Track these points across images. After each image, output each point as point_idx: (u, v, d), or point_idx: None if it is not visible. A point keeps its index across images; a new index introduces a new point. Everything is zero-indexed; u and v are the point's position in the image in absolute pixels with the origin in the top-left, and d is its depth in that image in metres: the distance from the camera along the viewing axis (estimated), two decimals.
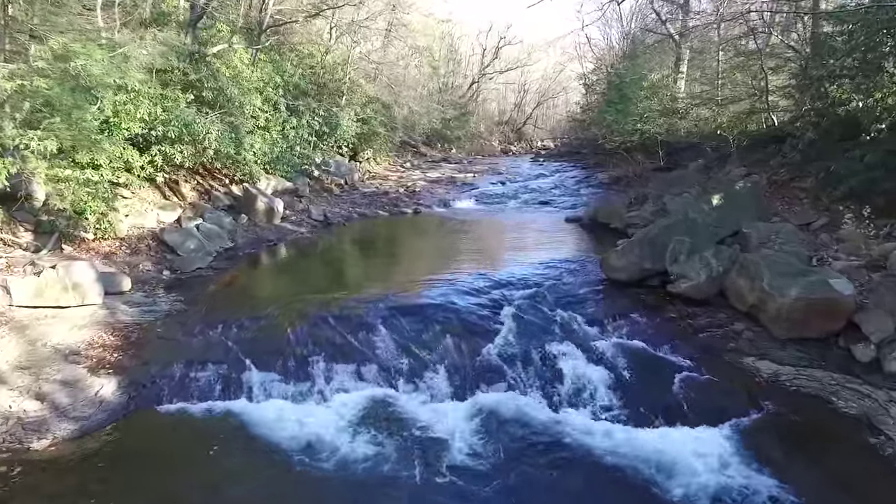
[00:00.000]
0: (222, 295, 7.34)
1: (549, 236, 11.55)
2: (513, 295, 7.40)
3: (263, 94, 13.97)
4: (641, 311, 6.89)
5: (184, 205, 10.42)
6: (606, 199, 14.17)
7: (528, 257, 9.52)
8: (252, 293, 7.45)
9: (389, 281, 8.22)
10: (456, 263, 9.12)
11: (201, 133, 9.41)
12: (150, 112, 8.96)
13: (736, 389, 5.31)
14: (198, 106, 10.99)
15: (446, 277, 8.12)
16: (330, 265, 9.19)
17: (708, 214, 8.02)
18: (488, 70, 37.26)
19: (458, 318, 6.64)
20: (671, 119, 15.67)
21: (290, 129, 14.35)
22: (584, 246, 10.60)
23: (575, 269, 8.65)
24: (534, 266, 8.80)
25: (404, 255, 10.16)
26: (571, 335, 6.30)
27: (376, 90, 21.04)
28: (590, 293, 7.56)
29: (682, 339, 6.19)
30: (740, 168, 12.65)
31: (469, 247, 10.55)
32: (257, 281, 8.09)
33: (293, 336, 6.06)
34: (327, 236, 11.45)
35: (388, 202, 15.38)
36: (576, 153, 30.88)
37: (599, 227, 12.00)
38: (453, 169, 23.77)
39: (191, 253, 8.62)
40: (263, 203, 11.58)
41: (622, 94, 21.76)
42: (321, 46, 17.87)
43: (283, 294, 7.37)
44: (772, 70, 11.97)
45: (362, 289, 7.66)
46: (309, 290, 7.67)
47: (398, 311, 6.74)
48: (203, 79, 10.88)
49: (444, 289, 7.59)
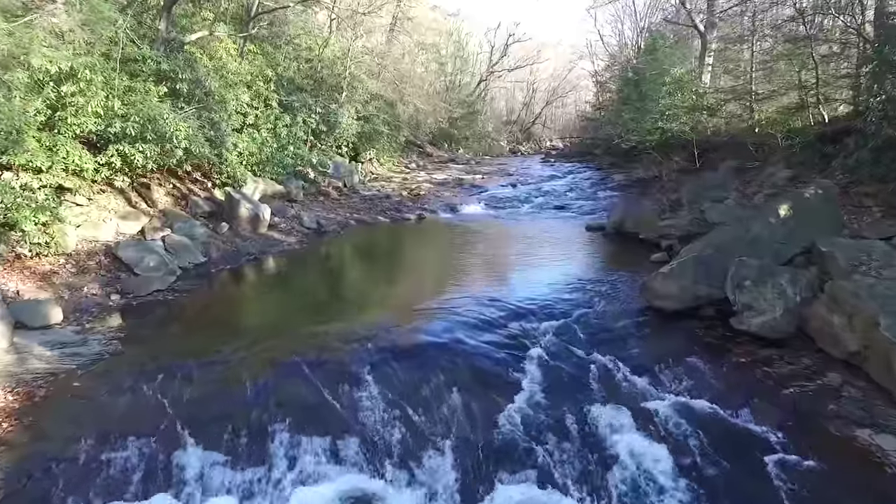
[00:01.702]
0: (175, 328, 5.85)
1: (570, 249, 9.97)
2: (535, 330, 5.86)
3: (253, 88, 12.52)
4: (701, 353, 5.31)
5: (153, 213, 8.96)
6: (631, 205, 12.57)
7: (549, 276, 7.96)
8: (212, 326, 5.96)
9: (384, 308, 6.70)
10: (464, 283, 7.58)
11: (168, 130, 7.92)
12: (106, 105, 7.50)
13: (858, 483, 3.73)
14: (173, 100, 9.57)
15: (453, 303, 6.59)
16: (315, 286, 7.67)
17: (774, 228, 6.41)
18: (497, 68, 35.61)
19: (467, 363, 5.12)
20: (699, 116, 14.00)
21: (283, 128, 12.89)
22: (612, 261, 9.02)
23: (607, 292, 7.08)
24: (557, 288, 7.25)
25: (404, 273, 8.62)
26: (616, 392, 4.75)
27: (379, 87, 19.53)
28: (631, 327, 5.99)
29: (763, 398, 4.61)
30: (784, 170, 11.01)
31: (479, 261, 9.00)
32: (223, 308, 6.59)
33: (252, 392, 4.56)
34: (318, 248, 9.95)
35: (390, 207, 13.86)
36: (588, 153, 29.23)
37: (627, 238, 10.40)
38: (460, 170, 22.21)
39: (150, 271, 7.14)
40: (247, 210, 10.10)
41: (640, 90, 20.12)
42: (319, 39, 16.35)
43: (250, 327, 5.87)
44: (824, 58, 10.32)
45: (350, 319, 6.14)
46: (284, 321, 6.16)
47: (392, 354, 5.22)
48: (178, 69, 9.40)
49: (450, 320, 6.06)
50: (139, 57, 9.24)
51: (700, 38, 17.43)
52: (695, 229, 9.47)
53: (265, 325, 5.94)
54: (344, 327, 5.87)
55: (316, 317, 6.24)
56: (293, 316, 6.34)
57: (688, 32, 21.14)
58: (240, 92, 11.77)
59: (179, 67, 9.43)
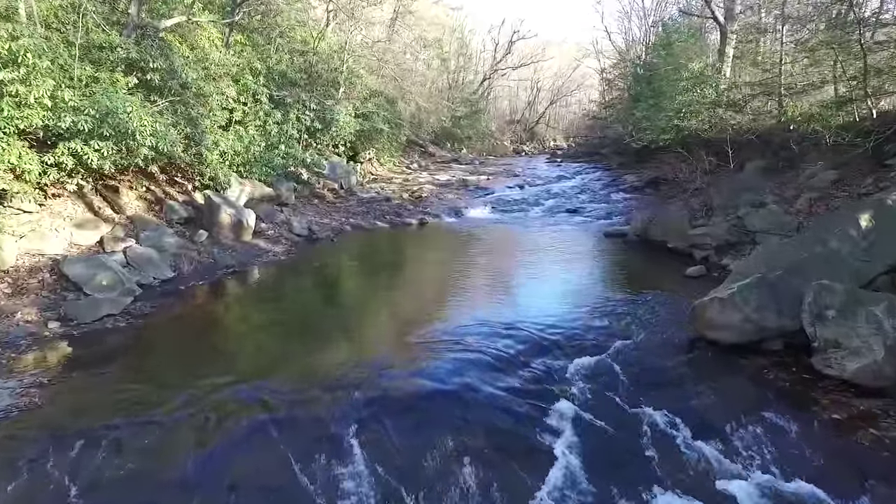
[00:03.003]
0: (116, 368, 4.65)
1: (590, 260, 8.76)
2: (564, 370, 4.65)
3: (241, 82, 11.34)
4: (781, 406, 4.10)
5: (118, 220, 7.78)
6: (653, 209, 11.34)
7: (571, 295, 6.76)
8: (162, 365, 4.76)
9: (378, 338, 5.49)
10: (473, 304, 6.38)
11: (131, 125, 6.74)
12: (55, 96, 6.31)
13: None
14: (144, 93, 8.40)
15: (461, 332, 5.39)
16: (297, 308, 6.46)
17: (855, 242, 5.19)
18: (501, 66, 34.34)
19: (482, 421, 3.93)
20: (723, 113, 12.74)
21: (273, 125, 11.70)
22: (641, 276, 7.79)
23: (643, 317, 5.87)
24: (582, 311, 6.05)
25: (403, 290, 7.41)
26: (679, 465, 3.53)
27: (380, 83, 18.33)
28: (683, 366, 4.78)
29: (880, 480, 3.40)
30: (826, 171, 9.78)
31: (488, 275, 7.79)
32: (181, 339, 5.39)
33: (198, 467, 3.38)
34: (307, 258, 8.75)
35: (390, 210, 12.66)
36: (595, 153, 28.04)
37: (653, 247, 9.19)
38: (464, 171, 20.99)
39: (102, 291, 5.95)
40: (229, 215, 8.92)
41: (653, 87, 18.93)
42: (314, 30, 15.14)
43: (209, 366, 4.68)
44: (877, 44, 9.07)
45: (336, 355, 4.95)
46: (253, 357, 4.96)
47: (385, 407, 4.04)
48: (149, 57, 8.21)
49: (457, 355, 4.87)
50: (106, 44, 8.07)
51: (719, 30, 16.13)
52: (733, 238, 8.26)
53: (229, 364, 4.74)
54: (327, 366, 4.68)
55: (294, 351, 5.04)
56: (266, 350, 5.14)
57: (704, 25, 19.90)
58: (224, 85, 10.58)
59: (151, 56, 8.23)
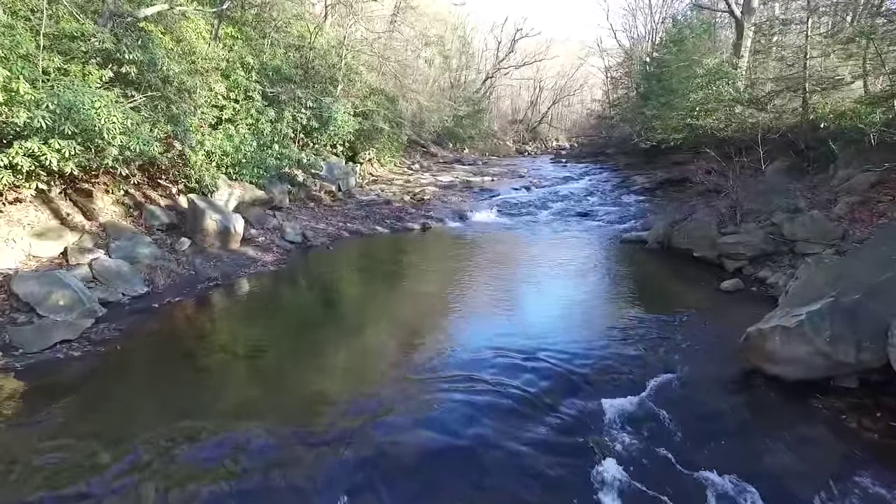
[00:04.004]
0: (53, 417, 3.81)
1: (611, 272, 7.90)
2: (599, 416, 3.82)
3: (231, 77, 10.51)
4: (877, 470, 3.26)
5: (88, 227, 6.94)
6: (672, 213, 10.49)
7: (595, 315, 5.92)
8: (113, 411, 3.91)
9: (374, 374, 4.64)
10: (485, 328, 5.53)
11: (97, 123, 5.90)
12: (9, 87, 5.48)
13: None
14: (122, 87, 7.59)
15: (473, 364, 4.56)
16: (282, 332, 5.59)
17: None
18: (504, 64, 33.45)
19: (501, 489, 3.10)
20: (746, 110, 11.89)
21: (266, 123, 10.85)
22: (669, 291, 6.94)
23: (682, 343, 5.04)
24: (612, 336, 5.21)
25: (404, 309, 6.54)
26: None
27: (380, 81, 17.48)
28: (742, 410, 3.94)
29: None
30: (864, 172, 8.94)
31: (500, 290, 6.93)
32: (144, 373, 4.55)
33: None
34: (299, 269, 7.92)
35: (391, 214, 11.82)
36: (600, 153, 27.21)
37: (677, 256, 8.34)
38: (467, 171, 20.13)
39: (58, 312, 5.12)
40: (214, 221, 8.08)
41: (664, 85, 18.08)
42: (311, 24, 14.29)
43: (172, 409, 3.84)
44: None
45: (323, 396, 4.11)
46: (221, 400, 4.11)
47: (380, 469, 3.21)
48: (125, 48, 7.37)
49: (470, 398, 4.03)
50: (78, 33, 7.25)
51: (735, 24, 15.28)
52: (769, 247, 7.41)
53: (196, 406, 3.91)
54: (314, 410, 3.85)
55: (275, 387, 4.20)
56: (242, 386, 4.30)
57: (716, 19, 19.04)
58: (213, 81, 9.75)
59: (126, 47, 7.40)
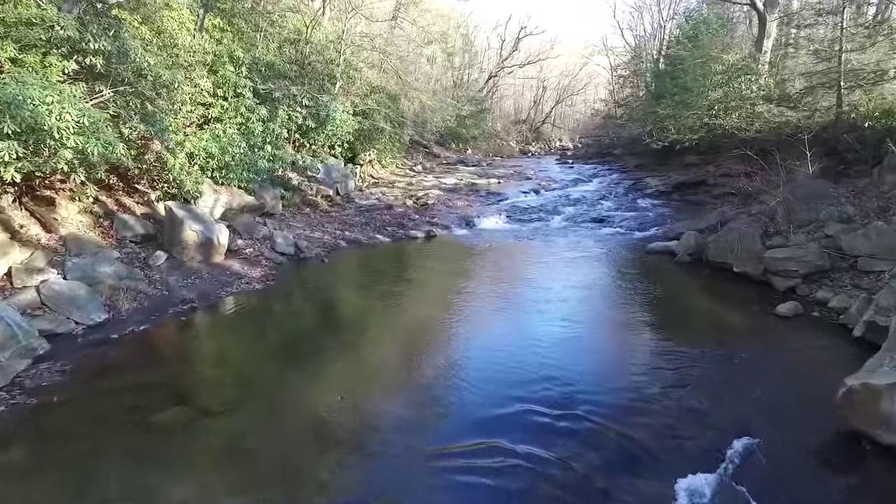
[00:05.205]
0: None
1: (642, 290, 6.90)
2: (672, 503, 2.86)
3: (219, 73, 9.54)
4: None
5: (47, 241, 5.99)
6: (691, 219, 9.50)
7: (636, 349, 4.96)
8: (28, 499, 2.96)
9: (370, 442, 3.67)
10: (504, 369, 4.56)
11: (48, 121, 4.95)
12: None
13: None
14: (90, 82, 6.65)
15: (494, 427, 3.60)
16: (260, 373, 4.60)
17: None
18: (507, 63, 32.44)
19: None
20: (776, 108, 10.91)
21: (258, 122, 9.87)
22: (717, 316, 5.93)
23: (752, 389, 4.07)
24: (663, 381, 4.25)
25: (406, 343, 5.48)
26: None
27: (381, 78, 16.49)
28: (852, 495, 2.98)
29: None
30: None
31: (519, 317, 5.94)
32: (82, 433, 3.59)
33: None
34: (288, 288, 6.96)
35: (392, 221, 10.86)
36: (607, 154, 26.24)
37: (713, 270, 7.37)
38: (472, 173, 19.16)
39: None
40: (195, 232, 7.12)
41: (678, 82, 17.12)
42: (306, 17, 13.32)
43: (103, 496, 2.89)
44: None
45: (306, 474, 3.16)
46: (178, 475, 3.16)
47: None
48: (90, 36, 6.41)
49: (494, 482, 3.07)
50: (37, 19, 6.30)
51: (757, 18, 14.28)
52: (825, 263, 6.43)
53: (137, 492, 2.95)
54: (295, 500, 2.89)
55: (246, 466, 3.24)
56: (200, 467, 3.34)
57: (733, 14, 18.04)
58: (197, 76, 8.79)
59: (92, 35, 6.43)
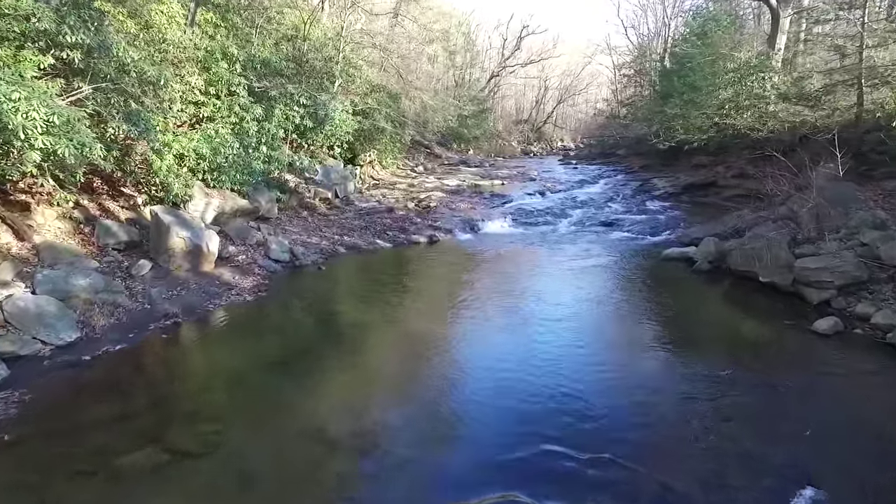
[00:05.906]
0: None
1: (663, 304, 6.36)
2: None
3: (212, 70, 9.02)
4: None
5: (18, 250, 5.48)
6: (706, 222, 8.99)
7: (665, 373, 4.45)
8: None
9: (366, 499, 3.15)
10: (521, 401, 4.04)
11: (12, 120, 4.44)
12: None
13: None
14: (67, 77, 6.16)
15: (512, 475, 3.09)
16: (245, 405, 4.09)
17: None
18: (509, 62, 31.89)
19: None
20: (794, 107, 10.39)
21: (252, 122, 9.35)
22: (749, 333, 5.39)
23: (805, 425, 3.56)
24: (701, 410, 3.75)
25: (409, 366, 4.90)
26: None
27: (381, 77, 15.98)
28: None
29: None
30: None
31: (532, 333, 5.42)
32: (34, 488, 3.09)
33: None
34: (281, 300, 6.43)
35: (393, 224, 10.34)
36: (610, 154, 25.74)
37: (735, 280, 6.86)
38: (475, 174, 18.65)
39: None
40: (182, 238, 6.61)
41: (686, 81, 16.60)
42: (305, 13, 12.80)
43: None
44: None
45: None
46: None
47: None
48: (68, 29, 5.90)
49: None
50: (10, 9, 5.80)
51: (770, 14, 13.76)
52: (862, 274, 5.91)
53: None
54: None
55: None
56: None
57: (742, 11, 17.52)
58: (187, 72, 8.27)
59: (69, 27, 5.92)
